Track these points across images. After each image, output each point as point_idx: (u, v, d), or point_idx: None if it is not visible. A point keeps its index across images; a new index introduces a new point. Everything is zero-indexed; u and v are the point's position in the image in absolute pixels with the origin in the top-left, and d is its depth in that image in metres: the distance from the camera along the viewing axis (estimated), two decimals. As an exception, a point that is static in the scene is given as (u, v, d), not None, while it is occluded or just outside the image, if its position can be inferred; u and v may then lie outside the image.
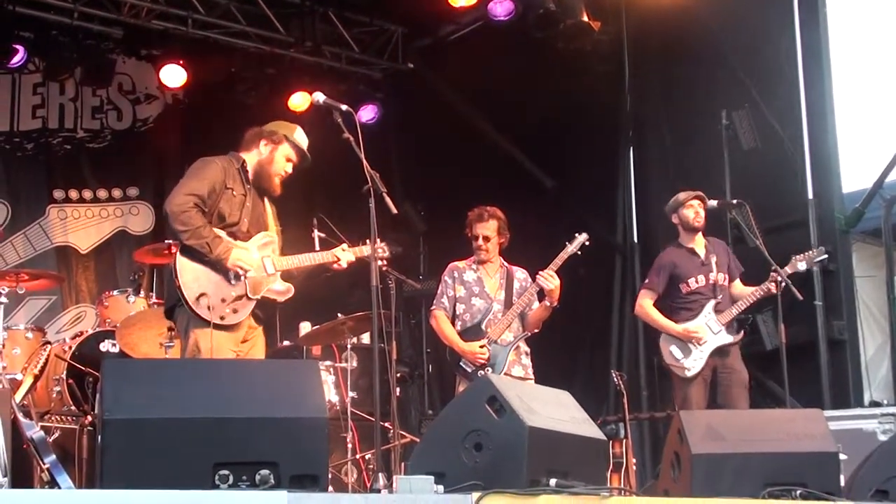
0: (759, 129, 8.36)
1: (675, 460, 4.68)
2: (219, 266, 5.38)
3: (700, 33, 8.72)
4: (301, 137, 5.77)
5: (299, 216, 7.11)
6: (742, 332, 7.13)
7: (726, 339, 6.94)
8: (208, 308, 5.30)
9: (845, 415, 6.96)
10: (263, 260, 5.56)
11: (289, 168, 5.73)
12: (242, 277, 5.42)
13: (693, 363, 6.90)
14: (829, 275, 7.98)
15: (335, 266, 5.79)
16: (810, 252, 7.01)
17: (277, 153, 5.68)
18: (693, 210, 7.07)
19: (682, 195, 7.15)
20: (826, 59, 8.29)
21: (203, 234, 5.35)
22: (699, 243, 7.14)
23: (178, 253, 5.42)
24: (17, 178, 9.83)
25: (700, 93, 8.89)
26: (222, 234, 5.45)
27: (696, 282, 7.04)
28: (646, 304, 7.17)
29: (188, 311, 5.35)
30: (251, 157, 5.69)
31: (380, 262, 5.77)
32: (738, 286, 7.12)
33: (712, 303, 6.98)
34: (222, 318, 5.36)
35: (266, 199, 5.76)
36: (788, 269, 6.85)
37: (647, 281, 7.25)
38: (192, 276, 5.36)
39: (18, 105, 9.87)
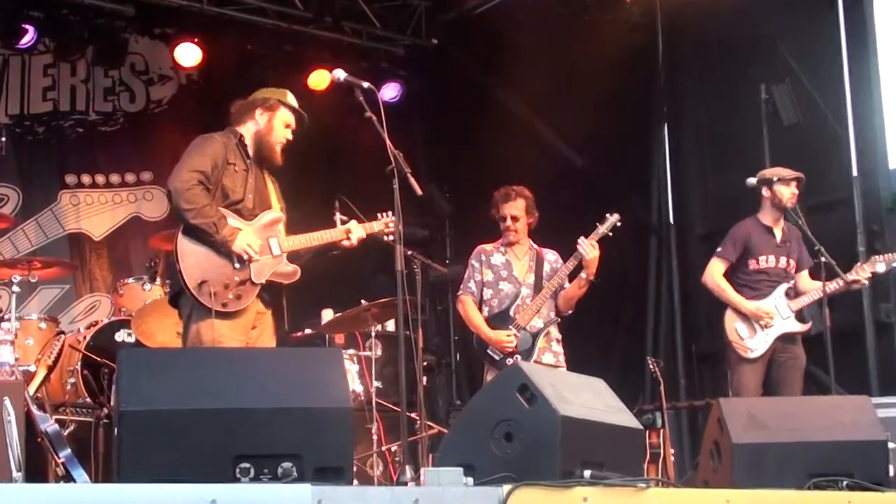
0: (800, 104, 8.31)
1: (714, 450, 4.67)
2: (223, 249, 5.30)
3: (737, 3, 8.63)
4: (293, 100, 5.70)
5: (321, 198, 7.10)
6: (811, 322, 7.06)
7: (794, 326, 6.94)
8: (210, 295, 5.21)
9: (894, 401, 6.91)
10: (269, 241, 5.47)
11: (289, 134, 5.65)
12: (247, 261, 5.35)
13: (757, 345, 6.90)
14: (875, 255, 7.91)
15: (345, 243, 5.68)
16: (891, 255, 7.00)
17: (276, 120, 5.60)
18: (790, 190, 7.00)
19: (783, 170, 7.09)
20: (871, 29, 8.20)
21: (209, 213, 5.27)
22: (779, 225, 7.11)
23: (179, 235, 5.33)
24: (29, 163, 9.83)
25: (738, 66, 8.82)
26: (228, 213, 5.38)
27: (767, 261, 7.03)
28: (716, 272, 7.09)
29: (190, 298, 5.28)
30: (248, 130, 5.60)
31: (390, 237, 5.76)
32: (805, 279, 7.09)
33: (784, 287, 6.98)
34: (225, 305, 5.27)
35: (267, 176, 5.67)
36: (867, 268, 6.87)
37: (720, 249, 7.16)
38: (193, 261, 5.28)
39: (29, 87, 9.88)
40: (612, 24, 8.99)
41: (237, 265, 5.34)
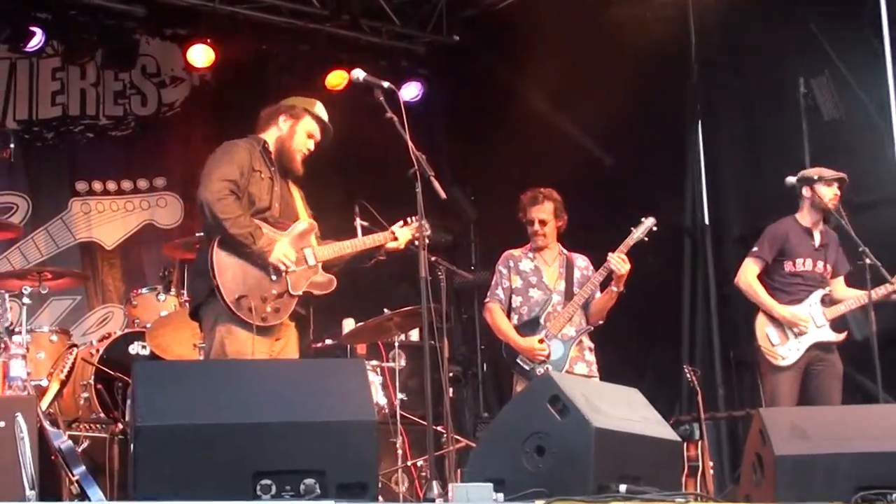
0: (841, 98, 8.26)
1: (756, 463, 4.64)
2: (259, 260, 5.33)
3: (773, -7, 8.61)
4: (322, 111, 5.77)
5: (339, 203, 7.11)
6: (846, 332, 7.01)
7: (829, 336, 6.89)
8: (250, 310, 5.24)
9: (945, 410, 6.86)
10: (304, 251, 5.52)
11: (311, 145, 5.71)
12: (284, 273, 5.39)
13: (788, 353, 6.85)
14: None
15: (390, 246, 5.76)
16: None
17: (298, 128, 5.67)
18: (832, 190, 6.98)
19: (824, 170, 7.05)
20: (914, 16, 8.15)
21: (243, 223, 5.30)
22: (818, 227, 7.07)
23: (215, 247, 5.32)
24: (38, 170, 9.89)
25: (775, 59, 8.78)
26: (262, 224, 5.42)
27: (804, 264, 6.99)
28: (750, 273, 7.05)
29: (220, 310, 5.29)
30: (270, 136, 5.67)
31: (415, 244, 5.79)
32: (840, 285, 7.06)
33: (820, 293, 6.93)
34: (264, 318, 5.30)
35: (291, 183, 5.72)
36: None
37: (755, 249, 7.12)
38: (230, 275, 5.29)
39: (37, 92, 9.94)
40: (641, 19, 8.95)
41: (273, 277, 5.38)
